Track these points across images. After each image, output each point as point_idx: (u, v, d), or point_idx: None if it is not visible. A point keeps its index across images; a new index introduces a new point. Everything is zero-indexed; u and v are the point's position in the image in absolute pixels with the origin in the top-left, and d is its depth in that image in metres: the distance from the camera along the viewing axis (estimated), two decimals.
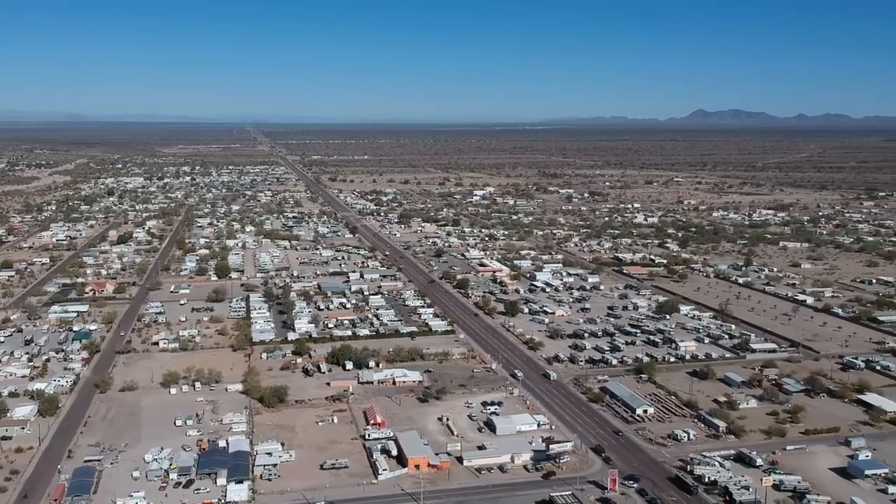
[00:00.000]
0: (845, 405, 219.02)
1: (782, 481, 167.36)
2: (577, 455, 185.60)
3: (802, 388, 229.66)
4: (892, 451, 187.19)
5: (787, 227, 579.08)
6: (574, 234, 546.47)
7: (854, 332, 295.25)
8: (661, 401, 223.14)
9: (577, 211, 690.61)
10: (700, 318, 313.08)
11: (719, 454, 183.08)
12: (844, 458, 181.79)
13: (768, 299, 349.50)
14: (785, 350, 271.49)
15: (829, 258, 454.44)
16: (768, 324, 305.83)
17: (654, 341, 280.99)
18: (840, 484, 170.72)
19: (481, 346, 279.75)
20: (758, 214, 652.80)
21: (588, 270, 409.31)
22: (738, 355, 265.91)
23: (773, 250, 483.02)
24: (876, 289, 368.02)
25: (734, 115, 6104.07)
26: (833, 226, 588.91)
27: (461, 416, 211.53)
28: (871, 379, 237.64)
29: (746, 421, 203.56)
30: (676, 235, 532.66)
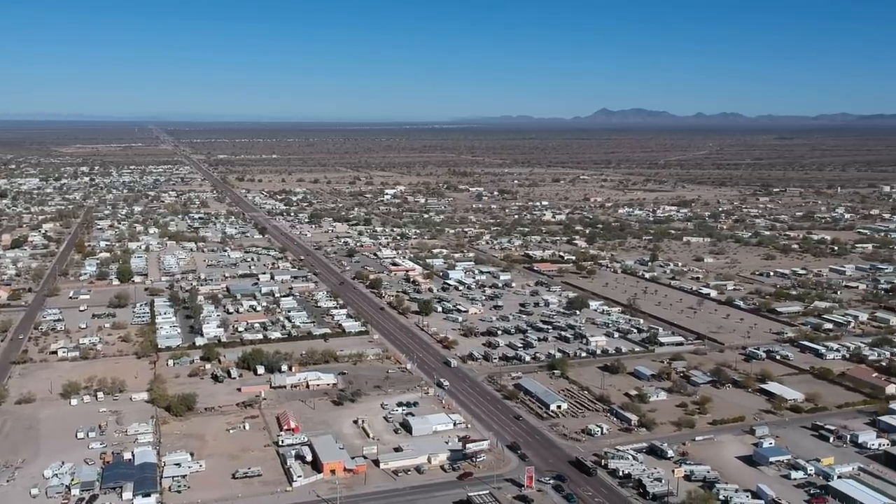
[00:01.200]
0: (749, 395, 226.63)
1: (693, 472, 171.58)
2: (494, 453, 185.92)
3: (709, 379, 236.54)
4: (793, 437, 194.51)
5: (690, 223, 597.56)
6: (485, 232, 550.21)
7: (755, 323, 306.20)
8: (574, 396, 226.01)
9: (488, 209, 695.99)
10: (609, 313, 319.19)
11: (632, 447, 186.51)
12: (750, 447, 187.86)
13: (674, 293, 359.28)
14: (691, 343, 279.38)
15: (729, 252, 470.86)
16: (675, 317, 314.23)
17: (565, 337, 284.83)
18: (746, 471, 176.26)
19: (396, 346, 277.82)
20: (661, 211, 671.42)
21: (500, 268, 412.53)
22: (647, 349, 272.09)
23: (677, 245, 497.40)
24: (774, 281, 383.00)
25: (636, 113, 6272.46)
26: (732, 221, 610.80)
27: (377, 417, 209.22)
28: (772, 368, 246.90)
29: (657, 413, 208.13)
30: (584, 232, 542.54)
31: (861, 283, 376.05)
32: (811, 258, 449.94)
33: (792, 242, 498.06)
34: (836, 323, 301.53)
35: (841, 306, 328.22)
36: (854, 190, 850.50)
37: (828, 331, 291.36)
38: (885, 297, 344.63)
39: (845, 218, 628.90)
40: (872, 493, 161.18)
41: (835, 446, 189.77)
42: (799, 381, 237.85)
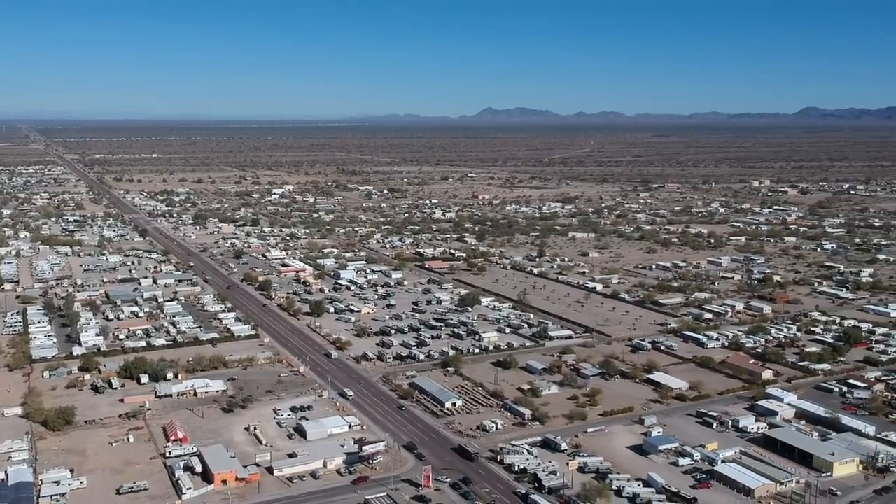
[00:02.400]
0: (637, 385, 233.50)
1: (586, 463, 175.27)
2: (390, 454, 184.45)
3: (598, 371, 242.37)
4: (679, 425, 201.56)
5: (575, 219, 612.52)
6: (376, 231, 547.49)
7: (640, 315, 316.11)
8: (468, 393, 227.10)
9: (378, 208, 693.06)
10: (500, 309, 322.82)
11: (527, 441, 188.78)
12: (639, 436, 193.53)
13: (562, 288, 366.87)
14: (580, 336, 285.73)
15: (613, 247, 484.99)
16: (563, 311, 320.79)
17: (458, 334, 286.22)
18: (637, 461, 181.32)
19: (287, 349, 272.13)
20: (547, 207, 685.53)
21: (391, 267, 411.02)
22: (538, 343, 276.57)
23: (563, 241, 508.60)
24: (656, 274, 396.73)
25: (521, 112, 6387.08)
26: (615, 216, 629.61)
27: (269, 423, 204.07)
28: (657, 359, 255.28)
29: (549, 407, 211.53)
30: (474, 229, 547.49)
31: (736, 274, 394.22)
32: (690, 251, 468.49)
33: (672, 236, 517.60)
34: (714, 313, 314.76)
35: (719, 297, 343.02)
36: (727, 185, 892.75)
37: (707, 320, 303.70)
38: (757, 287, 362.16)
39: (720, 212, 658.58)
40: (753, 475, 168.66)
41: (718, 432, 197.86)
42: (683, 370, 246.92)
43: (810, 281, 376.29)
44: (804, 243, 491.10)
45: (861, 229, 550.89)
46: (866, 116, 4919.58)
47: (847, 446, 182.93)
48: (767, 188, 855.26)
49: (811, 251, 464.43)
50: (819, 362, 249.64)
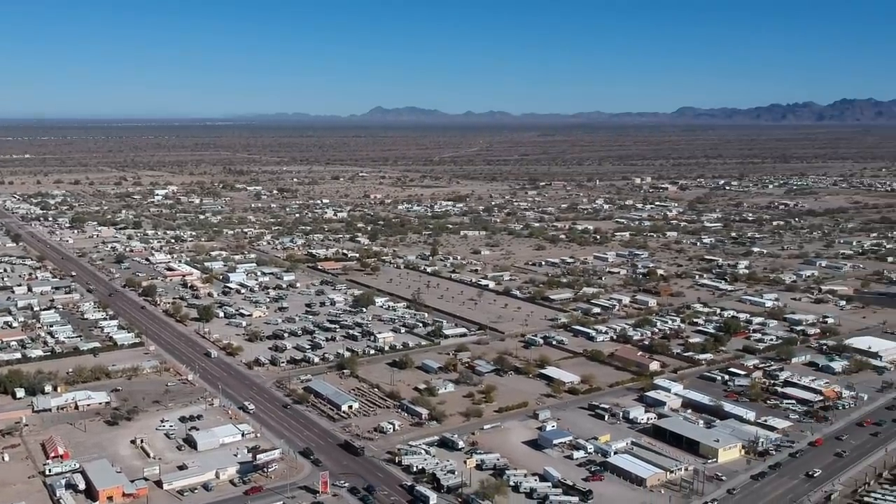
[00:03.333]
0: (530, 380, 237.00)
1: (483, 461, 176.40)
2: (286, 461, 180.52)
3: (493, 368, 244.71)
4: (572, 418, 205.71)
5: (466, 217, 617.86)
6: (266, 232, 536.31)
7: (531, 311, 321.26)
8: (364, 394, 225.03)
9: (267, 208, 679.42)
10: (395, 309, 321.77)
11: (424, 441, 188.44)
12: (535, 431, 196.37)
13: (455, 286, 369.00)
14: (474, 333, 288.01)
15: (504, 244, 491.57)
16: (457, 309, 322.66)
17: (353, 335, 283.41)
18: (533, 455, 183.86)
19: (175, 356, 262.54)
20: (439, 206, 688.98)
21: (283, 268, 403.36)
22: (433, 342, 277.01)
23: (455, 239, 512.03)
24: (545, 270, 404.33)
25: (410, 112, 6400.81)
26: (505, 214, 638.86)
27: (157, 435, 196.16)
28: (549, 353, 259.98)
29: (446, 405, 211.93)
30: (366, 229, 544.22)
31: (622, 269, 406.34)
32: (577, 247, 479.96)
33: (559, 233, 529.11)
34: (602, 307, 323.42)
35: (606, 291, 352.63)
36: (610, 182, 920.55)
37: (596, 315, 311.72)
38: (642, 281, 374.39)
39: (605, 209, 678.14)
40: (644, 465, 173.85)
41: (610, 424, 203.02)
42: (574, 364, 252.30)
43: (691, 274, 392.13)
44: (684, 238, 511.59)
45: (736, 223, 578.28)
46: (738, 115, 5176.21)
47: (730, 433, 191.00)
48: (649, 185, 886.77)
49: (691, 245, 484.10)
50: (702, 352, 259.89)
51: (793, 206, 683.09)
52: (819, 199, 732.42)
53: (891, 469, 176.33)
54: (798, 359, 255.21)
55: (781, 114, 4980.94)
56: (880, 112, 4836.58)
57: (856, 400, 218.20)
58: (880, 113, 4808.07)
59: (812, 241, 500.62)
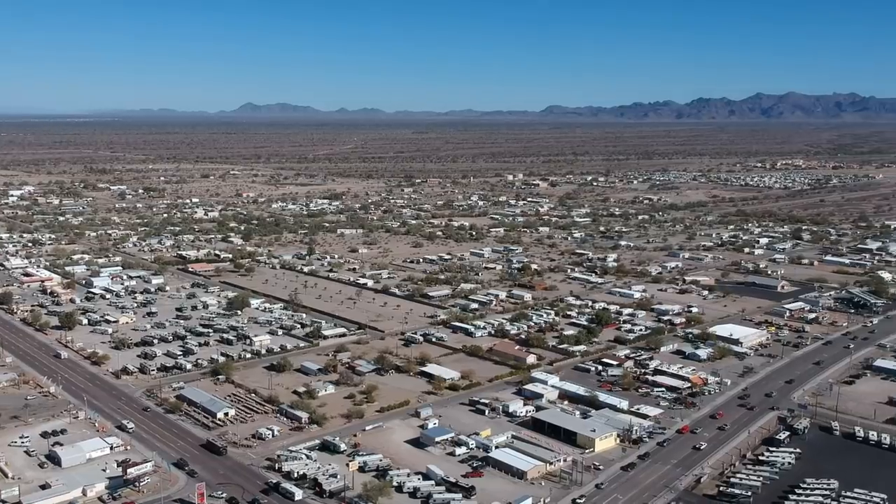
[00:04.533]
0: (411, 378, 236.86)
1: (366, 462, 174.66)
2: (159, 474, 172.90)
3: (373, 367, 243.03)
4: (453, 415, 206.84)
5: (343, 215, 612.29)
6: (132, 234, 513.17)
7: (411, 308, 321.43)
8: (241, 400, 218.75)
9: (133, 208, 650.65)
10: (272, 311, 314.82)
11: (305, 446, 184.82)
12: (417, 429, 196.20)
13: (333, 285, 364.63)
14: (354, 333, 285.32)
15: (381, 242, 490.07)
16: (336, 309, 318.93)
17: (228, 339, 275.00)
18: (416, 454, 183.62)
19: (35, 368, 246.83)
20: (314, 204, 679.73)
21: (151, 271, 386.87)
22: (312, 343, 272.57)
23: (332, 238, 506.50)
24: (423, 267, 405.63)
25: (282, 108, 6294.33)
26: (382, 212, 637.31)
27: (16, 453, 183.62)
28: (429, 351, 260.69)
29: (327, 408, 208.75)
30: (239, 229, 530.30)
31: (497, 264, 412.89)
32: (454, 243, 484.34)
33: (436, 230, 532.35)
34: (480, 302, 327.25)
35: (483, 287, 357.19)
36: (484, 179, 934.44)
37: (474, 310, 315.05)
38: (517, 276, 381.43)
39: (479, 205, 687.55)
40: (525, 458, 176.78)
41: (490, 418, 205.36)
42: (454, 360, 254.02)
43: (564, 268, 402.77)
44: (556, 233, 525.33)
45: (604, 218, 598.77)
46: (603, 114, 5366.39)
47: (605, 422, 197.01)
48: (521, 182, 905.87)
49: (563, 240, 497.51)
50: (576, 344, 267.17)
51: (656, 200, 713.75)
52: (680, 194, 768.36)
53: (753, 450, 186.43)
54: (666, 348, 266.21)
55: (644, 112, 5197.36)
56: (733, 111, 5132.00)
57: (720, 385, 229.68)
58: (733, 112, 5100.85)
59: (675, 233, 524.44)
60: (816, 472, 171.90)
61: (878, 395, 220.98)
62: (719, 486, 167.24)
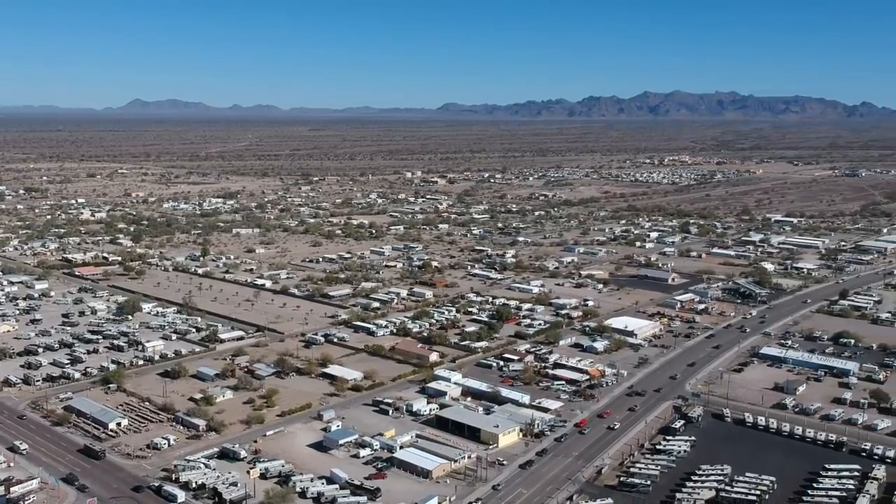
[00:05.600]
0: (313, 380, 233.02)
1: (268, 469, 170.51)
2: (47, 491, 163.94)
3: (273, 370, 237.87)
4: (357, 416, 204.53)
5: (238, 215, 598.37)
6: (12, 237, 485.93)
7: (311, 309, 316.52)
8: (134, 409, 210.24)
9: (13, 210, 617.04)
10: (165, 315, 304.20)
11: (203, 455, 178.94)
12: (319, 432, 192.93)
13: (229, 287, 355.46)
14: (252, 335, 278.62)
15: (279, 241, 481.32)
16: (233, 311, 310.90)
17: (118, 346, 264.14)
18: (319, 458, 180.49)
19: None
20: (208, 203, 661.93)
21: (34, 276, 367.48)
22: (208, 348, 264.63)
23: (228, 238, 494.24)
24: (323, 266, 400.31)
25: (172, 104, 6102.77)
26: (279, 210, 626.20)
27: None
28: (331, 351, 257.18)
29: (225, 414, 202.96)
30: (128, 230, 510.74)
31: (398, 262, 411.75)
32: (354, 242, 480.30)
33: (335, 228, 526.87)
34: (381, 301, 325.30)
35: (384, 285, 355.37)
36: (383, 177, 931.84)
37: (375, 309, 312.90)
38: (418, 274, 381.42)
39: (378, 203, 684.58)
40: (429, 457, 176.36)
41: (394, 418, 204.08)
42: (356, 360, 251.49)
43: (464, 265, 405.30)
44: (455, 230, 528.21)
45: (502, 214, 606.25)
46: (498, 111, 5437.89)
47: (508, 417, 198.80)
48: (420, 179, 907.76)
49: (462, 237, 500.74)
50: (478, 340, 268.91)
51: (551, 196, 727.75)
52: (574, 190, 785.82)
53: (650, 440, 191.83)
54: (564, 341, 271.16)
55: (537, 110, 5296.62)
56: (622, 109, 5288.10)
57: (617, 377, 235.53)
58: (622, 109, 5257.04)
59: (570, 229, 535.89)
60: (711, 458, 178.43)
61: (764, 381, 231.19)
62: (619, 477, 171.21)
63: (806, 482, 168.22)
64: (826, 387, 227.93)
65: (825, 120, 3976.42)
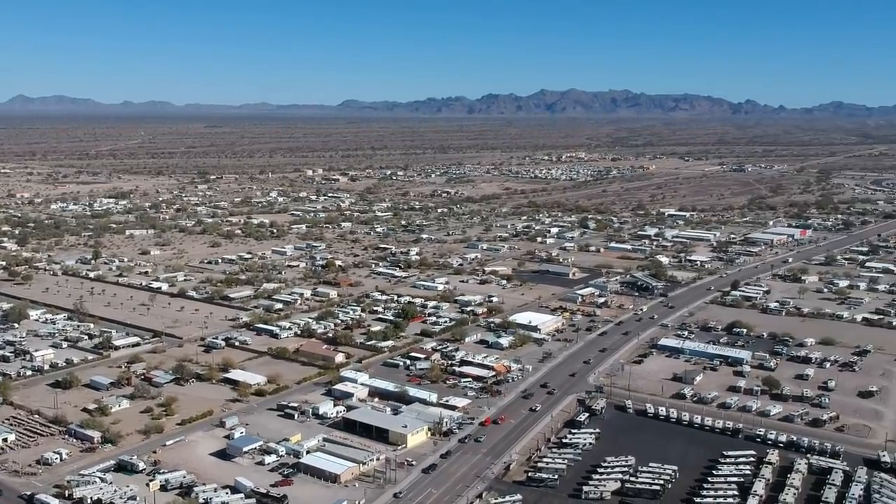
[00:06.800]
0: (214, 386, 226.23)
1: (168, 480, 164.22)
2: None
3: (172, 377, 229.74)
4: (261, 422, 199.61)
5: (131, 215, 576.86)
6: None
7: (210, 312, 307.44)
8: (22, 423, 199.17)
9: None
10: (55, 322, 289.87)
11: (99, 468, 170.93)
12: (222, 440, 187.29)
13: (124, 291, 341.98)
14: (149, 341, 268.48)
15: (175, 243, 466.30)
16: (128, 316, 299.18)
17: (3, 356, 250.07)
18: (223, 467, 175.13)
19: None
20: (99, 204, 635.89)
21: None
22: (102, 355, 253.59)
23: (121, 239, 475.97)
24: (223, 267, 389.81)
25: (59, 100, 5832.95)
26: (175, 210, 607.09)
27: None
28: (233, 356, 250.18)
29: (122, 425, 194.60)
30: (13, 233, 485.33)
31: (301, 262, 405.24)
32: (254, 242, 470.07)
33: (234, 228, 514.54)
34: (284, 302, 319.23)
35: (287, 286, 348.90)
36: (283, 175, 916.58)
37: (278, 311, 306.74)
38: (322, 273, 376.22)
39: (279, 201, 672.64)
40: (337, 461, 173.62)
41: (300, 422, 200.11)
42: (259, 364, 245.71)
43: (368, 263, 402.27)
44: (359, 228, 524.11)
45: (405, 212, 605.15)
46: (398, 108, 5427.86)
47: (416, 416, 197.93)
48: (321, 177, 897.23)
49: (365, 235, 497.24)
50: (384, 340, 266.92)
51: (454, 193, 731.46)
52: (476, 187, 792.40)
53: (556, 433, 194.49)
54: (470, 338, 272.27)
55: (437, 107, 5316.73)
56: (520, 106, 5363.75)
57: (522, 372, 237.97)
58: (520, 107, 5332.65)
59: (473, 225, 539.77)
60: (615, 450, 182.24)
61: (663, 371, 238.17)
62: (527, 472, 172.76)
63: (706, 469, 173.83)
64: (721, 376, 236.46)
65: (713, 117, 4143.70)
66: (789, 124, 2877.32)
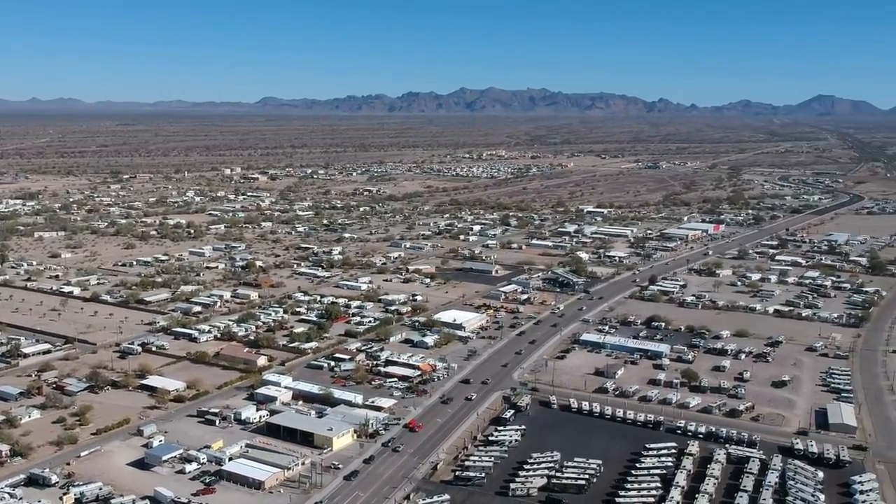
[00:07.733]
0: (131, 393, 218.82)
1: (83, 493, 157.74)
2: None
3: (86, 385, 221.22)
4: (181, 429, 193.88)
5: (40, 217, 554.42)
6: None
7: (126, 316, 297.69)
8: None
9: None
10: None
11: (7, 483, 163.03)
12: (140, 449, 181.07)
13: (33, 296, 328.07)
14: (61, 348, 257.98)
15: (87, 245, 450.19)
16: (38, 322, 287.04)
17: None
18: (142, 477, 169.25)
19: None
20: (5, 205, 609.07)
21: None
22: (10, 364, 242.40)
23: (29, 242, 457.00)
24: (138, 270, 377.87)
25: None
26: (86, 211, 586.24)
27: None
28: (150, 361, 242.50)
29: (32, 436, 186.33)
30: None
31: (220, 263, 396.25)
32: (171, 243, 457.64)
33: (150, 229, 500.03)
34: (203, 305, 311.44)
35: (206, 288, 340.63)
36: (200, 174, 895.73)
37: (197, 314, 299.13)
38: (242, 274, 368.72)
39: (196, 201, 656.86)
40: (261, 467, 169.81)
41: (222, 428, 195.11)
42: (178, 369, 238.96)
43: (290, 263, 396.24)
44: (279, 227, 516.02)
45: (327, 211, 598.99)
46: (318, 106, 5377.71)
47: (342, 419, 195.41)
48: (239, 175, 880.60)
49: (286, 235, 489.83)
50: (307, 341, 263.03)
51: (376, 192, 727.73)
52: (397, 185, 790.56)
53: (482, 431, 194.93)
54: (395, 337, 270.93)
55: (357, 105, 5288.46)
56: (440, 104, 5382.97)
57: (448, 370, 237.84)
58: (440, 105, 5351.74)
59: (395, 224, 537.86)
60: (541, 445, 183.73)
61: (586, 366, 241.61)
62: (455, 471, 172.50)
63: (629, 462, 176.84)
64: (642, 369, 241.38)
65: (628, 115, 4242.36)
66: (701, 122, 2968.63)
